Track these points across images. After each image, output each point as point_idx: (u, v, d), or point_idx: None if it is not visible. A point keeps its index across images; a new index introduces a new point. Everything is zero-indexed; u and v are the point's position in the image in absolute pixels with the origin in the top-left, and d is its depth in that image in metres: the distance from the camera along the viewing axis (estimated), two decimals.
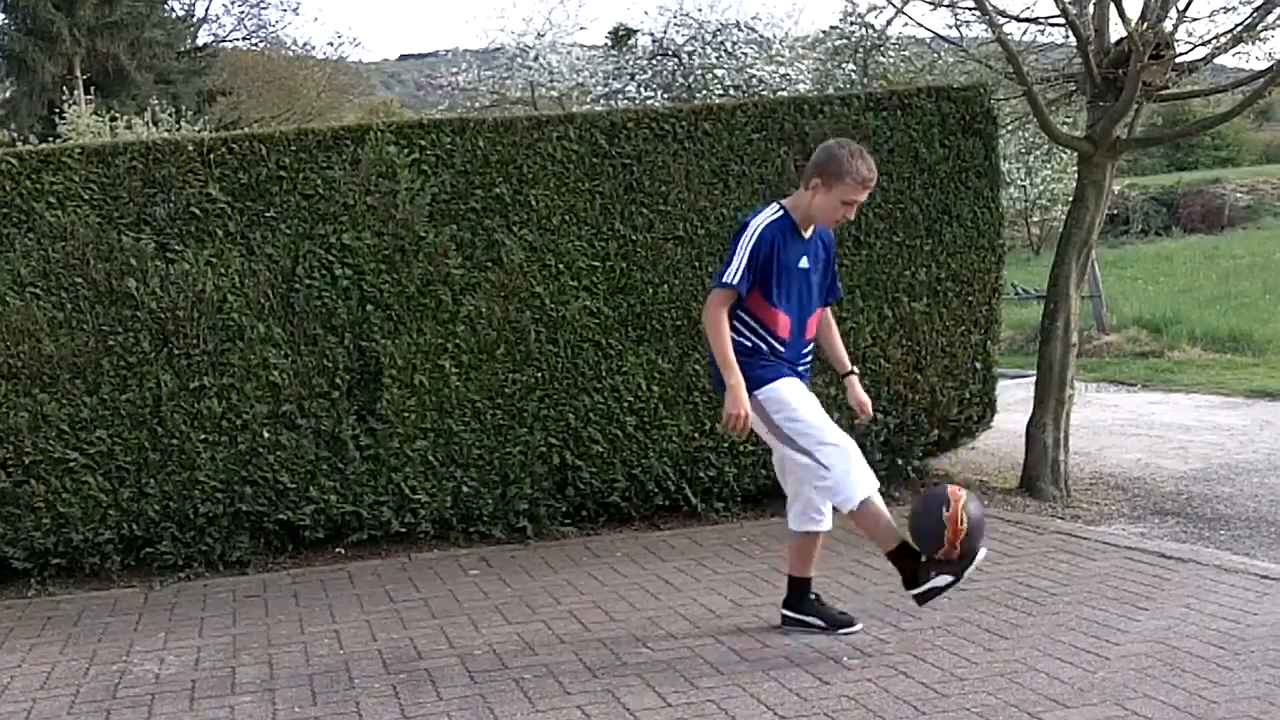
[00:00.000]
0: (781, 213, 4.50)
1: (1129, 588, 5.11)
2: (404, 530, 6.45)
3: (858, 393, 4.80)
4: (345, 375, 6.34)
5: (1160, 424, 9.90)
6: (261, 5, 39.84)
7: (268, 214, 6.27)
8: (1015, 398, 8.34)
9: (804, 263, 4.49)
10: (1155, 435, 9.39)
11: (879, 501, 4.46)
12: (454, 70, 17.90)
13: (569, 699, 4.18)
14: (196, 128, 19.61)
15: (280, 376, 6.26)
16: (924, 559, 4.38)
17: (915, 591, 4.44)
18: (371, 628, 5.17)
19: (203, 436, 6.21)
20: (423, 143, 6.41)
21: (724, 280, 4.44)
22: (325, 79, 37.78)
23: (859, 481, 4.39)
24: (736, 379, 4.40)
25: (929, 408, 6.95)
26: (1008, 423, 7.72)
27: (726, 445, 6.71)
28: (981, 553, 4.37)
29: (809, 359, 4.66)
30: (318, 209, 6.31)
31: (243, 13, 37.40)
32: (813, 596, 4.78)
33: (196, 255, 6.20)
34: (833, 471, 4.40)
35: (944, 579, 4.37)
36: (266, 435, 6.26)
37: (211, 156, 6.24)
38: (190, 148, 6.25)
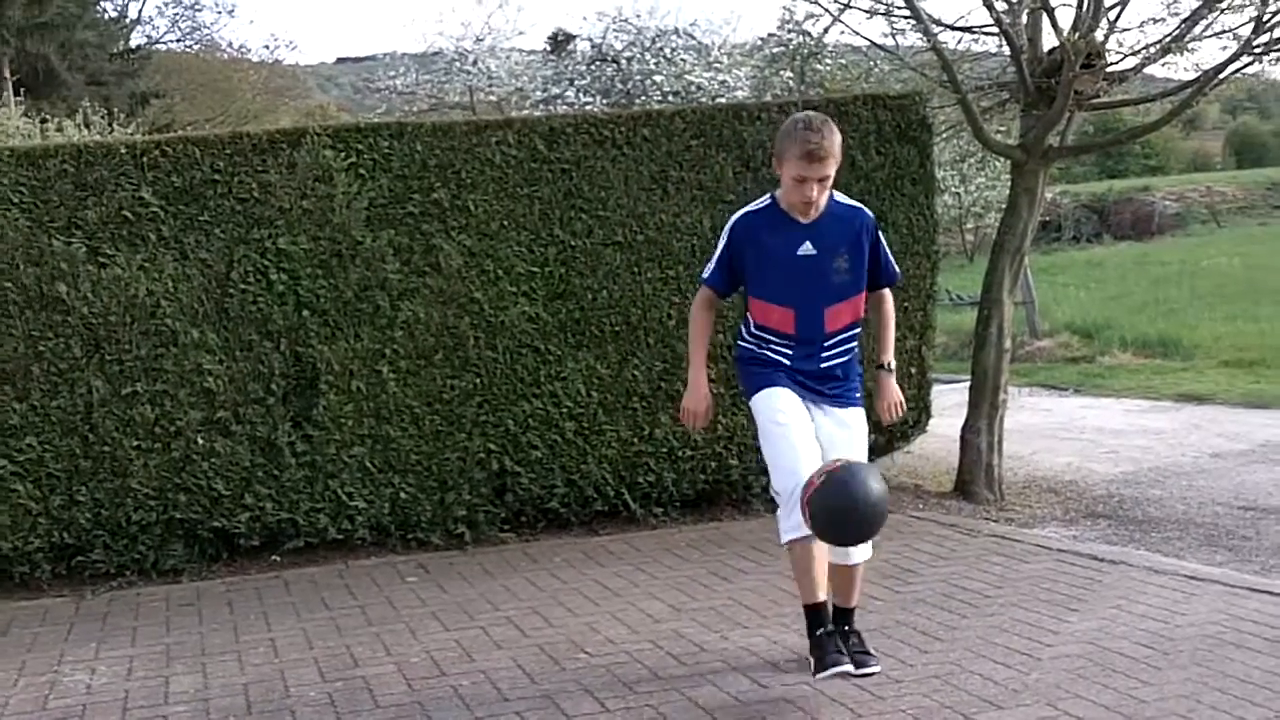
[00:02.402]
0: (769, 201, 4.24)
1: (1061, 589, 5.18)
2: (341, 537, 6.40)
3: (885, 391, 4.47)
4: (281, 381, 6.29)
5: (1092, 428, 10.06)
6: (196, 7, 39.25)
7: (202, 218, 6.21)
8: (950, 402, 8.43)
9: (805, 249, 4.13)
10: (1087, 439, 9.53)
11: (813, 549, 4.09)
12: (392, 74, 17.83)
13: (507, 705, 4.17)
14: (129, 130, 19.31)
15: (215, 382, 6.19)
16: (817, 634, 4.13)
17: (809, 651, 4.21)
18: (308, 636, 5.12)
19: (135, 443, 6.13)
20: (360, 147, 6.37)
21: (702, 275, 4.39)
22: (261, 82, 37.32)
23: (797, 524, 4.06)
24: (694, 372, 4.35)
25: (865, 412, 6.99)
26: (942, 427, 7.80)
27: (665, 451, 6.73)
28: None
29: (837, 354, 4.28)
30: (253, 213, 6.25)
31: (177, 15, 36.84)
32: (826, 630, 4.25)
33: (129, 260, 6.12)
34: (780, 498, 4.14)
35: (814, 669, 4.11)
36: (201, 442, 6.19)
37: (144, 160, 6.16)
38: (123, 150, 6.17)
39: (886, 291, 4.43)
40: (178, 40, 36.68)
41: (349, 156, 6.34)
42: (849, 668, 4.06)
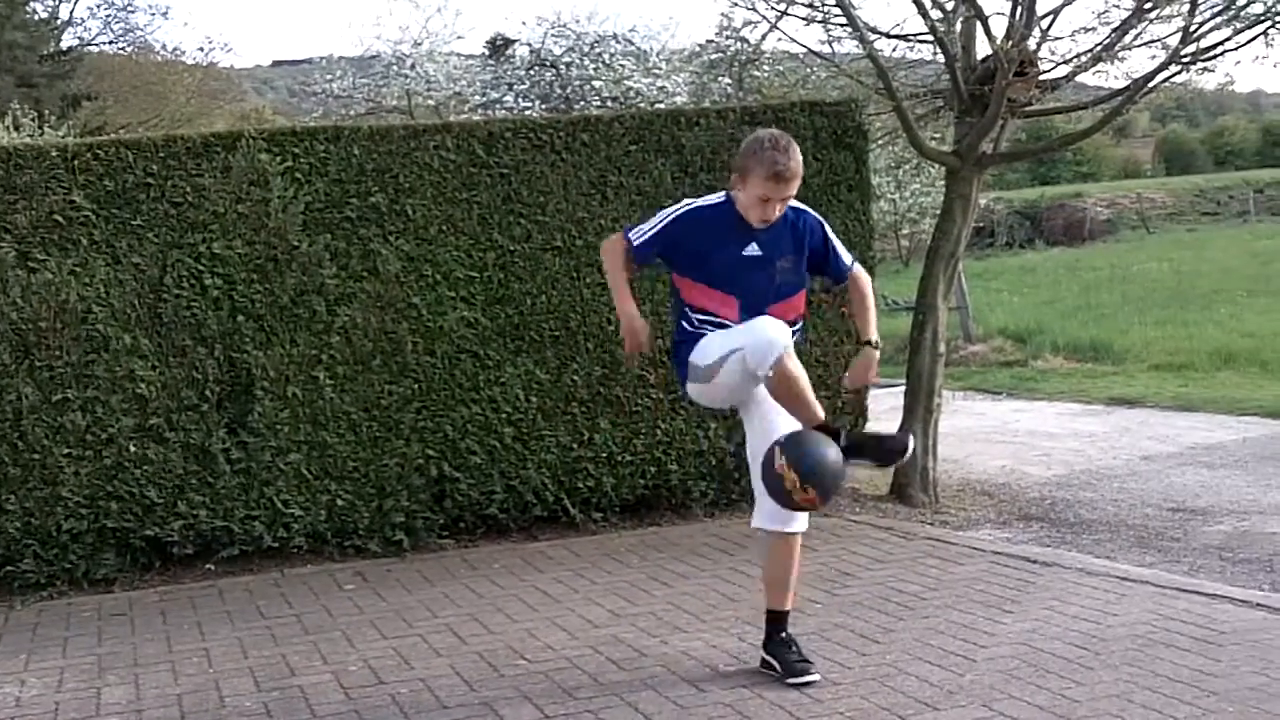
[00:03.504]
0: (724, 200, 4.25)
1: (996, 591, 5.24)
2: (277, 545, 6.33)
3: (867, 364, 4.37)
4: (215, 387, 6.22)
5: (1025, 431, 10.19)
6: (129, 9, 38.74)
7: (135, 222, 6.13)
8: (885, 406, 8.50)
9: (752, 250, 4.17)
10: (1020, 442, 9.65)
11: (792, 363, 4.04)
12: (328, 77, 17.67)
13: (446, 713, 4.15)
14: (60, 133, 19.01)
15: (147, 389, 6.11)
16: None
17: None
18: (242, 645, 5.07)
19: (66, 451, 6.03)
20: (296, 150, 6.32)
21: (629, 230, 4.25)
22: (195, 84, 36.86)
23: (773, 340, 3.99)
24: (622, 303, 4.15)
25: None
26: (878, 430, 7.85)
27: (604, 456, 6.73)
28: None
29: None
30: (187, 217, 6.18)
31: (109, 16, 36.38)
32: (783, 635, 4.38)
33: (60, 264, 6.03)
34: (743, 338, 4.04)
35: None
36: (133, 449, 6.10)
37: (76, 163, 6.07)
38: (54, 153, 6.08)
39: (858, 274, 4.43)
40: (110, 42, 36.20)
41: (285, 160, 6.29)
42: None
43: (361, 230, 6.39)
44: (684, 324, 4.31)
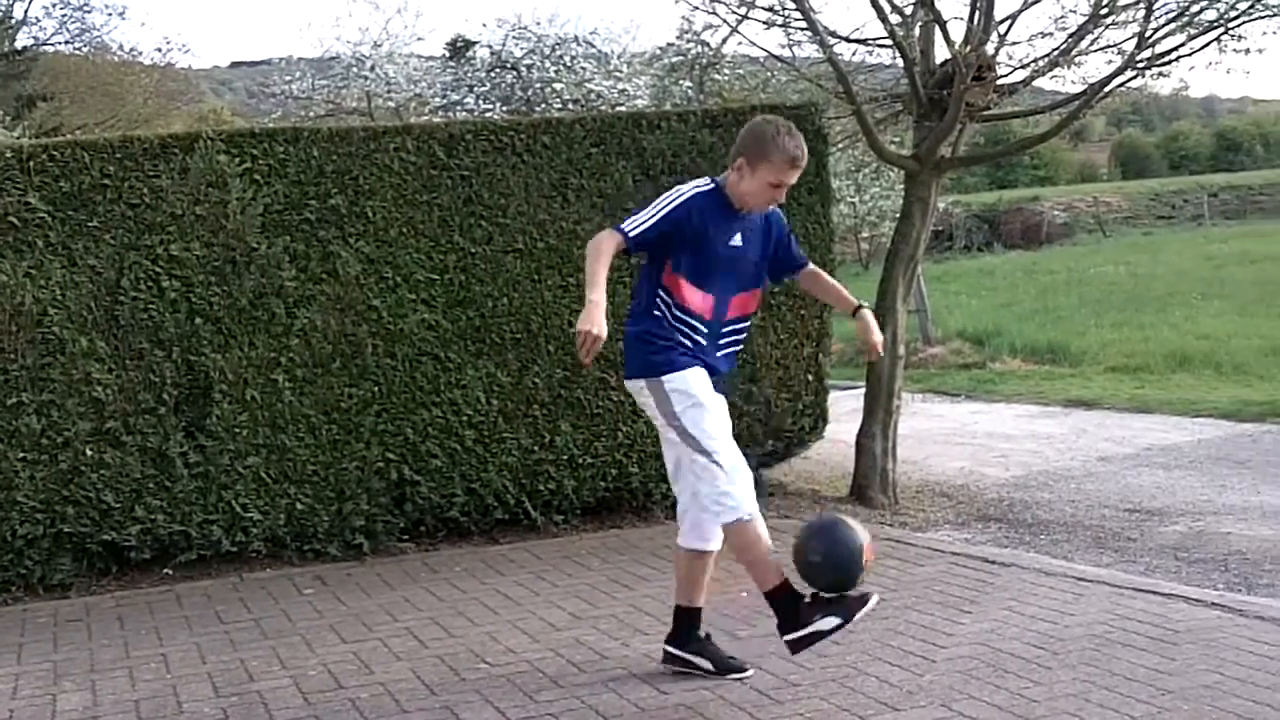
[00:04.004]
0: (712, 185, 4.19)
1: (954, 592, 5.28)
2: (235, 549, 6.29)
3: (868, 331, 4.37)
4: (173, 390, 6.17)
5: (983, 433, 10.26)
6: (85, 8, 38.25)
7: (91, 224, 6.07)
8: (846, 408, 8.55)
9: (736, 240, 4.17)
10: (978, 444, 9.72)
11: (761, 526, 4.07)
12: (288, 79, 17.54)
13: (406, 717, 4.14)
14: (15, 134, 18.79)
15: (104, 392, 6.05)
16: (809, 598, 4.01)
17: (794, 636, 4.03)
18: (201, 650, 5.03)
19: (21, 455, 5.97)
20: (255, 152, 6.28)
21: (621, 226, 4.11)
22: (153, 85, 36.53)
23: (745, 497, 4.03)
24: (596, 296, 3.88)
25: (764, 419, 7.08)
26: (838, 433, 7.90)
27: (566, 458, 6.73)
28: (874, 599, 4.01)
29: (734, 342, 4.29)
30: (144, 219, 6.13)
31: (65, 16, 35.90)
32: (704, 634, 4.42)
33: (15, 266, 5.96)
34: (726, 474, 4.03)
35: (830, 621, 3.96)
36: (89, 453, 6.04)
37: (31, 164, 6.01)
38: (8, 154, 6.01)
39: (813, 267, 4.55)
40: (66, 42, 35.76)
41: (244, 162, 6.25)
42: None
43: (321, 232, 6.36)
44: (656, 314, 4.18)
